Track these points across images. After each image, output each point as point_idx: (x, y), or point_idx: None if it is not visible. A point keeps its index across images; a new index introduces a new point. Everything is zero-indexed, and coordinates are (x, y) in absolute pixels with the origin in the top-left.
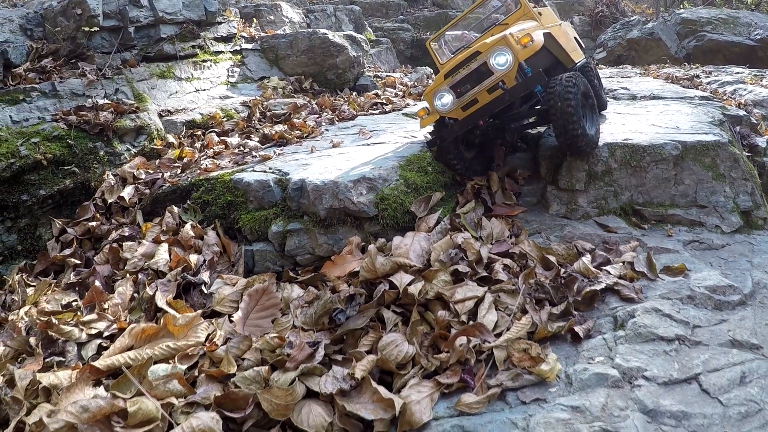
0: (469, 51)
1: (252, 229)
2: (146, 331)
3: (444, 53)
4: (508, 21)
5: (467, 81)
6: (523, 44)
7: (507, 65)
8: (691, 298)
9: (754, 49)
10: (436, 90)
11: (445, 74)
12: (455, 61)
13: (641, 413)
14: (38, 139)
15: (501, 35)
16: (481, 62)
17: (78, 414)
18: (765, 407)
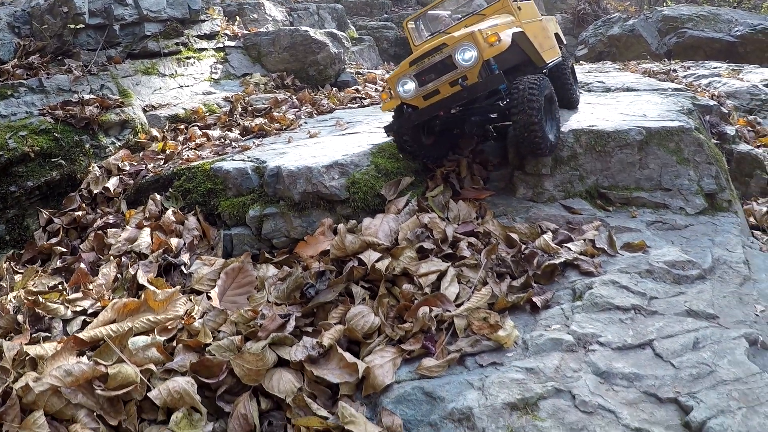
0: (437, 41)
1: (231, 215)
2: (128, 306)
3: (421, 35)
4: (485, 12)
5: (431, 71)
6: (490, 42)
7: (471, 61)
8: (650, 272)
9: (734, 45)
10: (400, 76)
11: (410, 62)
12: (422, 49)
13: (594, 375)
14: (26, 133)
15: (469, 30)
16: (446, 55)
17: (62, 378)
18: (717, 369)
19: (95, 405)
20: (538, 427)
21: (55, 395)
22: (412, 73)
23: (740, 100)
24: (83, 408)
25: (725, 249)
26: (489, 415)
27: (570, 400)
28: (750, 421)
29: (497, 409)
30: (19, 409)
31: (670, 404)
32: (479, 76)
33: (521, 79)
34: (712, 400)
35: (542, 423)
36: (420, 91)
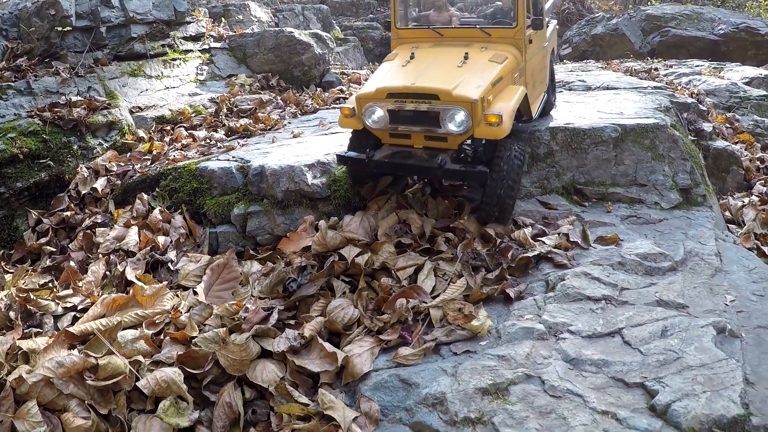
0: (428, 86)
1: (216, 213)
2: (116, 301)
3: (406, 16)
4: (492, 34)
5: (410, 114)
6: (488, 121)
7: (460, 130)
8: (622, 264)
9: (717, 44)
10: (371, 101)
11: (389, 92)
12: (409, 85)
13: (563, 361)
14: (14, 134)
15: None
16: (434, 109)
17: (54, 369)
18: (683, 356)
19: (86, 395)
20: (509, 411)
21: (48, 386)
22: (387, 107)
23: (719, 98)
24: (74, 398)
25: (698, 242)
26: (461, 399)
27: (540, 385)
28: (714, 404)
29: (469, 393)
30: (12, 400)
31: (636, 389)
32: (459, 146)
33: (504, 154)
34: (678, 384)
35: (512, 406)
36: (389, 127)
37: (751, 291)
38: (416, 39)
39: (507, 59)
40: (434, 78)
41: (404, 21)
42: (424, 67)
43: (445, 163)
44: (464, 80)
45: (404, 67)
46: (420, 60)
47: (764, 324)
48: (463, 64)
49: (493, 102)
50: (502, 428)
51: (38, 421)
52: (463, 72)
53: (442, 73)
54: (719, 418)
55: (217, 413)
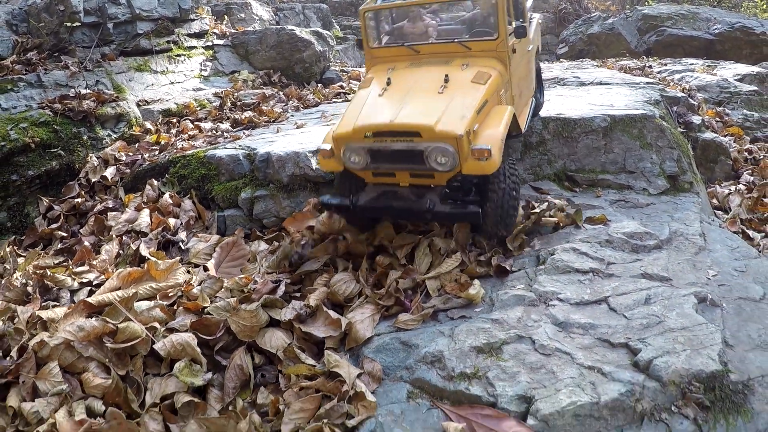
0: (408, 123)
1: (224, 198)
2: (132, 275)
3: (379, 34)
4: (473, 47)
5: (389, 154)
6: (476, 156)
7: (446, 167)
8: (609, 242)
9: (712, 43)
10: (349, 141)
11: (369, 132)
12: (388, 123)
13: (553, 324)
14: (26, 125)
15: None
16: (416, 147)
17: (75, 332)
18: (665, 320)
19: (104, 358)
20: (502, 366)
21: (68, 349)
22: (367, 146)
23: (710, 93)
24: (93, 360)
25: (683, 223)
26: (458, 356)
27: (530, 344)
28: (693, 361)
29: (465, 352)
30: (34, 363)
31: (621, 348)
32: (449, 183)
33: (498, 178)
34: (659, 343)
35: (505, 363)
36: (372, 166)
37: (733, 267)
38: (391, 58)
39: (491, 78)
40: (415, 111)
41: (377, 39)
42: (403, 97)
43: (434, 205)
44: (447, 111)
45: (381, 97)
46: (397, 86)
47: (744, 296)
48: (444, 89)
49: (480, 131)
50: (496, 382)
51: (59, 381)
52: (445, 100)
53: (423, 103)
54: (698, 373)
55: (228, 375)
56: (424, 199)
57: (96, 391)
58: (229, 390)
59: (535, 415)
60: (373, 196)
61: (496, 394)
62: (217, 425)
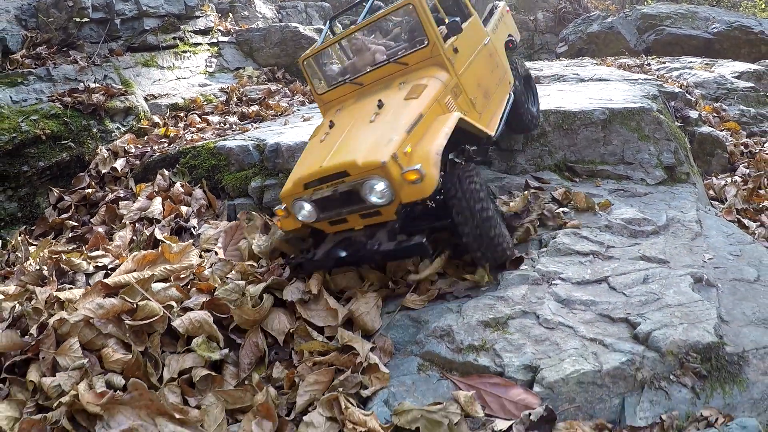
0: (334, 164)
1: (234, 187)
2: (147, 257)
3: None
4: (409, 60)
5: (332, 200)
6: (408, 180)
7: (384, 200)
8: (608, 227)
9: (711, 42)
10: (294, 197)
11: (305, 183)
12: (318, 169)
13: (556, 301)
14: (37, 117)
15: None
16: (350, 187)
17: (95, 310)
18: (663, 297)
19: (123, 335)
20: (508, 339)
21: (87, 326)
22: (308, 198)
23: (707, 90)
24: (112, 337)
25: (680, 211)
26: (466, 330)
27: (535, 319)
28: (690, 333)
29: (473, 326)
30: (54, 339)
31: (621, 322)
32: (396, 214)
33: (454, 180)
34: (658, 318)
35: (511, 336)
36: (323, 216)
37: (728, 252)
38: (340, 99)
39: (426, 88)
40: (343, 150)
41: (325, 84)
42: (340, 138)
43: (379, 245)
44: (374, 140)
45: (321, 144)
46: (338, 128)
47: (739, 277)
48: (375, 117)
49: (415, 151)
50: (503, 353)
51: (79, 356)
52: (374, 129)
53: (354, 139)
54: (695, 344)
55: (243, 352)
56: (372, 240)
57: (115, 365)
58: (245, 366)
59: (541, 383)
60: (328, 248)
61: (503, 365)
62: (234, 397)
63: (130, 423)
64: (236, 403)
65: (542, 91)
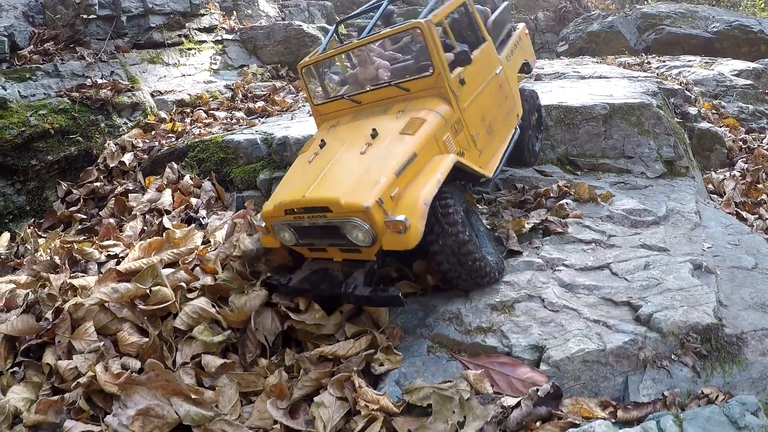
0: (317, 198)
1: (242, 180)
2: (152, 244)
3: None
4: (411, 87)
5: (313, 230)
6: (393, 228)
7: (365, 243)
8: (610, 217)
9: (710, 41)
10: (274, 220)
11: (285, 209)
12: (300, 199)
13: (560, 286)
14: (45, 111)
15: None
16: (331, 222)
17: (109, 294)
18: (663, 282)
19: (137, 319)
20: (515, 321)
21: (102, 311)
22: (288, 223)
23: (707, 87)
24: (127, 322)
25: (679, 203)
26: (474, 313)
27: (540, 302)
28: (690, 315)
29: (480, 309)
30: (69, 324)
31: (623, 306)
32: (376, 257)
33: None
34: (659, 301)
35: (517, 318)
36: (303, 243)
37: (726, 241)
38: (336, 113)
39: (424, 124)
40: (329, 181)
41: (322, 94)
42: (327, 165)
43: (354, 288)
44: (361, 178)
45: (309, 165)
46: (328, 149)
47: (737, 265)
48: (367, 148)
49: (403, 195)
50: (510, 334)
51: (94, 340)
52: (363, 163)
53: (341, 169)
54: (695, 325)
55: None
56: (349, 279)
57: (131, 349)
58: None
59: (547, 362)
60: (305, 275)
61: (511, 345)
62: (247, 380)
63: (146, 402)
64: (249, 386)
65: (544, 88)
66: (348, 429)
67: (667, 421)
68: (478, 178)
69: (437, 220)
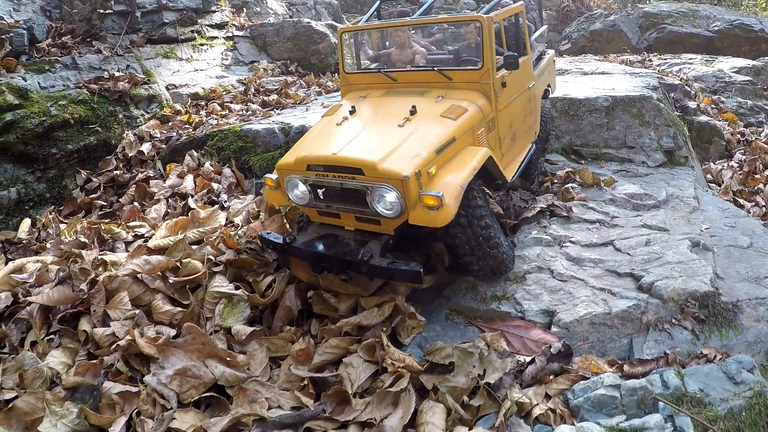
0: (350, 158)
1: (261, 167)
2: (178, 223)
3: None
4: (454, 78)
5: (332, 191)
6: (426, 203)
7: (391, 213)
8: (613, 200)
9: (712, 40)
10: (290, 174)
11: (309, 164)
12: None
13: (567, 260)
14: (65, 102)
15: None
16: (359, 187)
17: (142, 265)
18: (663, 256)
19: (168, 290)
20: (526, 290)
21: (135, 283)
22: (308, 182)
23: (706, 83)
24: (159, 293)
25: (679, 189)
26: (488, 283)
27: (549, 274)
28: (689, 283)
29: (494, 280)
30: (104, 294)
31: (627, 276)
32: (395, 231)
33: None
34: (659, 271)
35: (529, 287)
36: (316, 204)
37: (723, 223)
38: (367, 86)
39: (465, 113)
40: (363, 145)
41: (356, 64)
42: (359, 129)
43: (370, 257)
44: (400, 148)
45: (337, 127)
46: (360, 116)
47: (733, 244)
48: (405, 122)
49: (439, 175)
50: (522, 301)
51: (129, 308)
52: (402, 134)
53: (376, 136)
54: (693, 292)
55: (277, 315)
56: (363, 248)
57: (164, 317)
58: (277, 328)
59: (558, 324)
60: (312, 238)
61: (524, 310)
62: (276, 345)
63: (183, 363)
64: (278, 351)
65: None
66: (374, 388)
67: (670, 375)
68: (494, 179)
69: (465, 204)
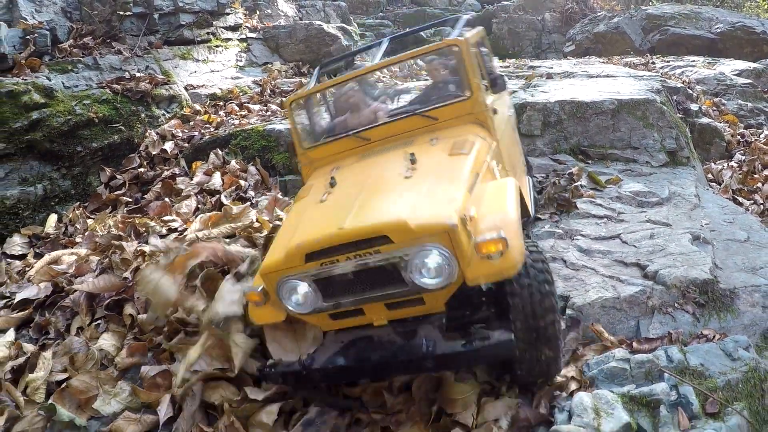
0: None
1: (284, 165)
2: (212, 218)
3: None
4: (440, 116)
5: (346, 280)
6: (485, 253)
7: (440, 280)
8: (619, 198)
9: (714, 42)
10: (284, 275)
11: (307, 253)
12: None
13: (578, 251)
14: (89, 102)
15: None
16: (389, 260)
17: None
18: (666, 248)
19: None
20: None
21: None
22: (311, 276)
23: (708, 86)
24: None
25: (680, 187)
26: None
27: (562, 263)
28: (690, 272)
29: None
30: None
31: (633, 266)
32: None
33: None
34: (663, 261)
35: None
36: (325, 305)
37: (722, 219)
38: (335, 157)
39: (474, 145)
40: (374, 209)
41: (312, 137)
42: (356, 196)
43: (433, 346)
44: (424, 197)
45: (323, 205)
46: (344, 186)
47: (732, 238)
48: (411, 173)
49: (481, 216)
50: None
51: None
52: (416, 185)
53: (385, 195)
54: (694, 280)
55: None
56: (416, 339)
57: None
58: None
59: (572, 307)
60: (336, 351)
61: None
62: None
63: None
64: None
65: (556, 86)
66: None
67: (674, 351)
68: None
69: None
